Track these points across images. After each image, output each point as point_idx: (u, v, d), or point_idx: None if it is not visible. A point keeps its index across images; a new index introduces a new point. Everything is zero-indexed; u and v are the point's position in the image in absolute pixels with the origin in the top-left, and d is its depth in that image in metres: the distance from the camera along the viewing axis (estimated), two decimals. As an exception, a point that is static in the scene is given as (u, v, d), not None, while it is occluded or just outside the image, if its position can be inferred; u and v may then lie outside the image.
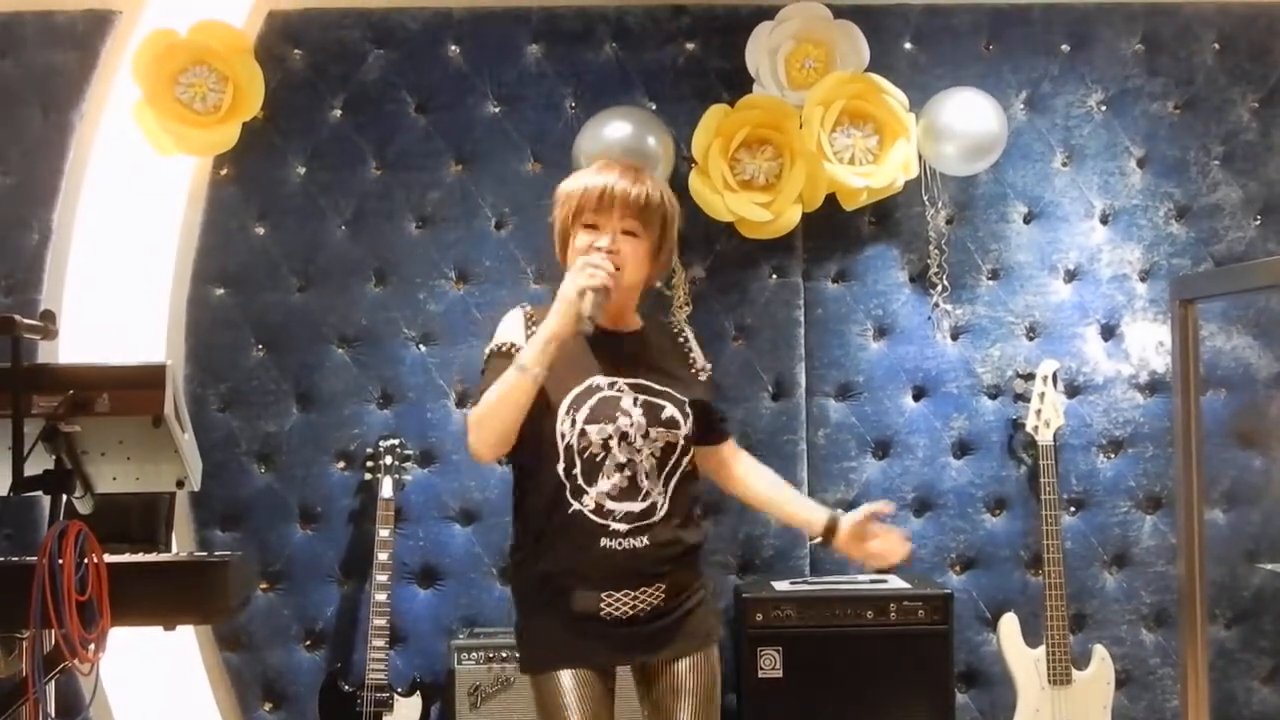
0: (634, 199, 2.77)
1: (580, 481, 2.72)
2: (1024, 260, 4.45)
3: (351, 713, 4.05)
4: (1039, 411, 4.21)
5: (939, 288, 4.39)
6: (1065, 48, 4.46)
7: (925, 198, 4.38)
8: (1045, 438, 4.19)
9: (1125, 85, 4.47)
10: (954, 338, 4.43)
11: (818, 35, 4.24)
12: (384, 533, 4.10)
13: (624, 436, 2.72)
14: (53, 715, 2.58)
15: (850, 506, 4.35)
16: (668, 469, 2.78)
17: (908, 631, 3.98)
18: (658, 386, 2.80)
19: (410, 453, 4.25)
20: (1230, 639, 4.42)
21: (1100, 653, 4.20)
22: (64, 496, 2.51)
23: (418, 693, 4.11)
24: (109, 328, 4.21)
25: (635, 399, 2.76)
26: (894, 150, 4.19)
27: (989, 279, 4.45)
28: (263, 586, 4.28)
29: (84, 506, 2.63)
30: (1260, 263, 4.08)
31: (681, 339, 3.00)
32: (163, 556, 2.94)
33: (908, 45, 4.43)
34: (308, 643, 4.33)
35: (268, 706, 4.32)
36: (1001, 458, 4.42)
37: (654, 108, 4.37)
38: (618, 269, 2.75)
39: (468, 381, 4.32)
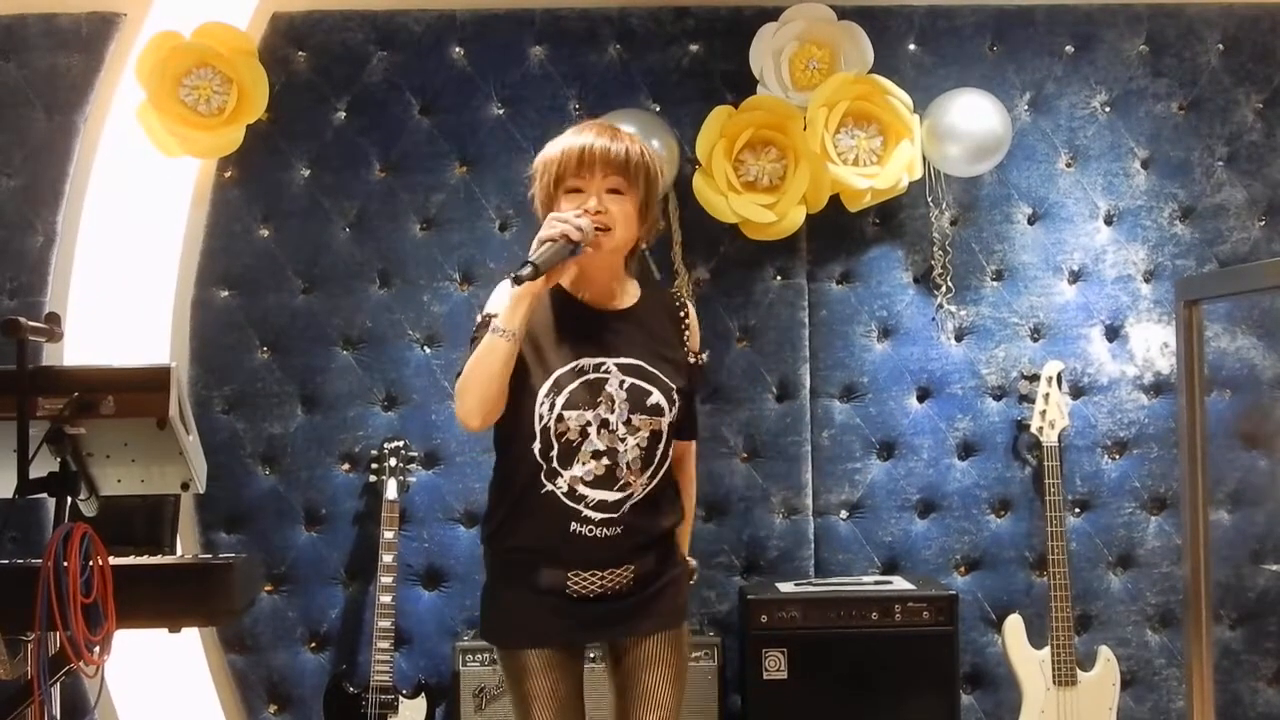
0: (615, 155, 2.71)
1: (555, 465, 2.69)
2: (1028, 261, 4.45)
3: (356, 714, 4.06)
4: (1044, 413, 4.21)
5: (943, 289, 4.39)
6: (1069, 49, 4.46)
7: (929, 199, 4.38)
8: (1050, 439, 4.19)
9: (1129, 86, 4.46)
10: (958, 339, 4.43)
11: (822, 36, 4.24)
12: (388, 534, 4.10)
13: (604, 424, 2.68)
14: (58, 718, 2.58)
15: (855, 508, 4.40)
16: (655, 460, 2.74)
17: (913, 633, 3.97)
18: (649, 368, 2.74)
19: (415, 454, 4.25)
20: (1235, 640, 4.42)
21: (1105, 654, 4.19)
22: (69, 499, 2.52)
23: (422, 694, 4.11)
24: (114, 330, 4.22)
25: (623, 382, 2.71)
26: (898, 151, 4.19)
27: (993, 280, 4.44)
28: (267, 588, 4.29)
29: (89, 509, 2.64)
30: (1265, 263, 4.08)
31: (683, 314, 2.89)
32: (167, 559, 2.94)
33: (912, 46, 4.43)
34: (312, 645, 4.34)
35: (273, 709, 4.32)
36: (1006, 459, 4.42)
37: (658, 109, 4.37)
38: (607, 229, 2.70)
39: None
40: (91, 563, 2.40)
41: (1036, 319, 4.44)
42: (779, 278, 4.42)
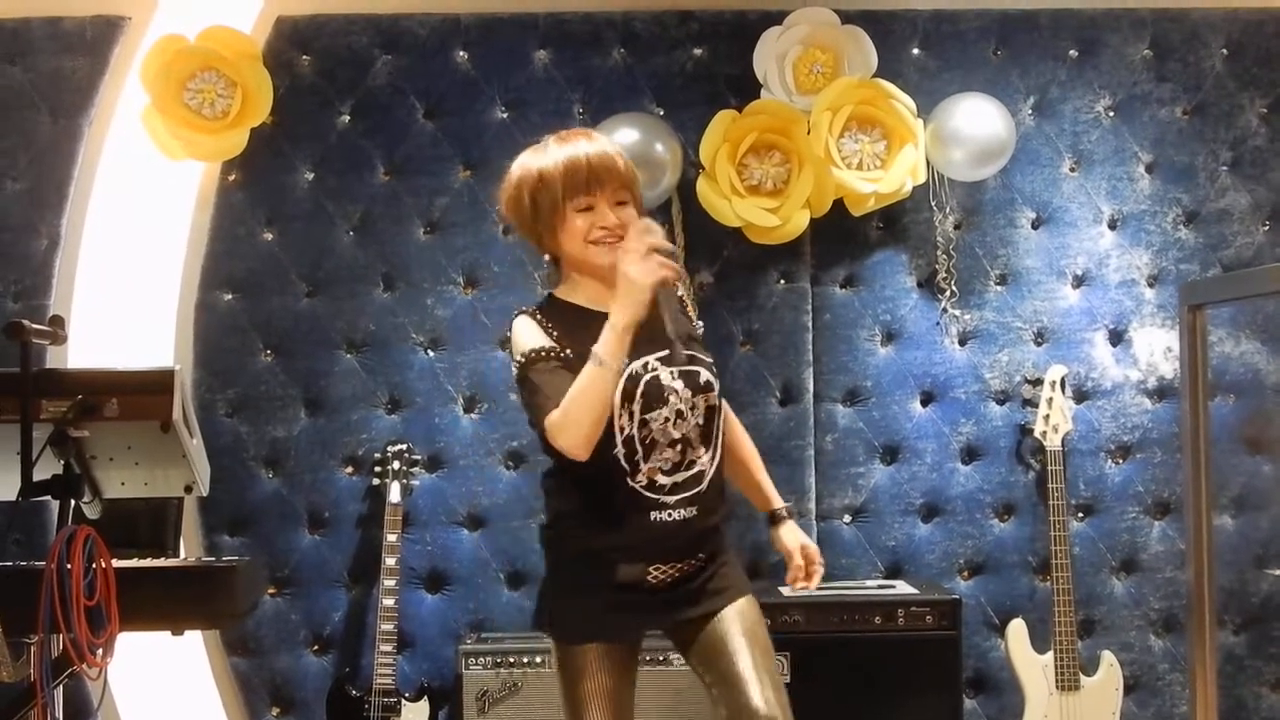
0: (617, 167, 2.73)
1: (639, 463, 2.68)
2: (1032, 265, 4.44)
3: (359, 718, 4.05)
4: (1047, 417, 4.20)
5: (947, 293, 4.39)
6: (1073, 53, 4.45)
7: (933, 203, 4.38)
8: (1053, 443, 4.19)
9: (1133, 91, 4.46)
10: (962, 343, 4.43)
11: (825, 41, 4.24)
12: (391, 538, 4.10)
13: (679, 414, 2.70)
14: (61, 720, 2.59)
15: (858, 513, 4.39)
16: (713, 434, 2.76)
17: (916, 637, 3.96)
18: (685, 353, 2.74)
19: (418, 458, 4.25)
20: (1239, 645, 4.41)
21: (1108, 659, 4.19)
22: (72, 501, 2.52)
23: (425, 698, 4.11)
24: (117, 333, 4.22)
25: (672, 373, 2.72)
26: (902, 155, 4.19)
27: (997, 284, 4.44)
28: (270, 591, 4.29)
29: (92, 511, 2.65)
30: (1268, 268, 4.07)
31: (680, 292, 2.93)
32: (171, 561, 2.95)
33: (916, 51, 4.43)
34: (315, 648, 4.34)
35: (275, 711, 4.32)
36: (1010, 463, 4.41)
37: (661, 113, 4.36)
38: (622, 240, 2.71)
39: (476, 386, 4.34)
40: (95, 565, 2.40)
41: (1040, 323, 4.43)
42: (782, 281, 4.42)
